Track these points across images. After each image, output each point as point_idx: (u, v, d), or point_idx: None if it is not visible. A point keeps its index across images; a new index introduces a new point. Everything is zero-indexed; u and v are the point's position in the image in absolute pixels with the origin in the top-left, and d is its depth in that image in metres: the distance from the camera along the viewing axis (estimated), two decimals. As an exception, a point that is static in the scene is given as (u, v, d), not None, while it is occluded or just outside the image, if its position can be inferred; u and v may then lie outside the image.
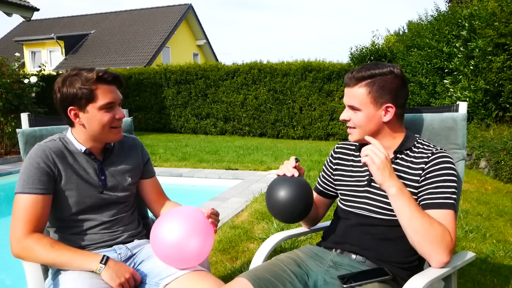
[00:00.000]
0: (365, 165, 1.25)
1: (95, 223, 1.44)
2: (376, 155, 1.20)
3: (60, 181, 1.37)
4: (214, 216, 1.39)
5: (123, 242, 1.48)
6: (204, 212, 1.38)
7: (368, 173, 1.40)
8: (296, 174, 1.34)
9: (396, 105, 1.30)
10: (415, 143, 1.37)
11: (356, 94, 1.31)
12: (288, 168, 1.35)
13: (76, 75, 1.34)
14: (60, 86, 1.34)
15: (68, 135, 1.44)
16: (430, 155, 1.30)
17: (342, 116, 1.38)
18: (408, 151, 1.35)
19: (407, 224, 1.18)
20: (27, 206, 1.29)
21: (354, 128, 1.36)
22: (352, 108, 1.34)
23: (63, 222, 1.43)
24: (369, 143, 1.38)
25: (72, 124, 1.41)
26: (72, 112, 1.35)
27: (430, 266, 1.23)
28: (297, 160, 1.37)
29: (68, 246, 1.31)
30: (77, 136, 1.43)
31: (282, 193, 1.27)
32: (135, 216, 1.60)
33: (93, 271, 1.27)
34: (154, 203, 1.61)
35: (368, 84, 1.29)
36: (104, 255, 1.29)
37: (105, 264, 1.26)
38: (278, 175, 1.38)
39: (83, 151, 1.42)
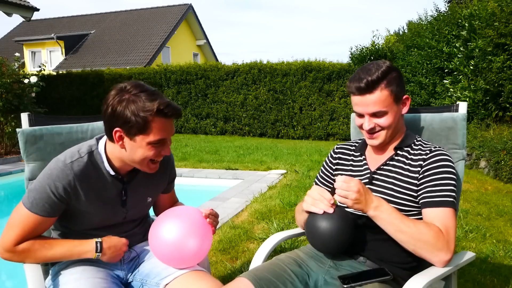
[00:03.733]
0: (345, 205, 1.23)
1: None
2: (347, 191, 1.19)
3: (77, 201, 1.27)
4: (212, 216, 1.38)
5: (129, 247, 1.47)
6: (202, 212, 1.37)
7: (368, 171, 1.40)
8: (333, 207, 1.25)
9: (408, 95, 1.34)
10: (415, 141, 1.39)
11: (380, 98, 1.28)
12: (325, 204, 1.24)
13: (136, 95, 1.18)
14: (114, 102, 1.18)
15: (100, 149, 1.31)
16: (428, 152, 1.32)
17: (369, 126, 1.32)
18: (408, 148, 1.37)
19: (396, 237, 1.21)
20: (28, 223, 1.24)
21: (381, 130, 1.33)
22: (376, 114, 1.30)
23: (72, 232, 1.39)
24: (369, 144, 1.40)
25: (112, 141, 1.26)
26: (117, 134, 1.21)
27: (430, 266, 1.23)
28: (333, 192, 1.24)
29: (60, 241, 1.30)
30: (111, 153, 1.30)
31: (334, 233, 1.21)
32: (142, 221, 1.56)
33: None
34: (166, 209, 1.54)
35: (387, 84, 1.28)
36: (96, 243, 1.29)
37: (100, 252, 1.29)
38: (310, 212, 1.28)
39: (111, 173, 1.31)
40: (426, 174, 1.28)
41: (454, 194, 1.25)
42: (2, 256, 1.27)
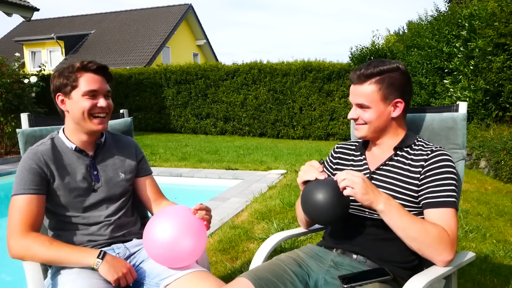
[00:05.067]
0: (349, 196, 1.22)
1: (92, 219, 1.45)
2: (354, 182, 1.19)
3: (53, 182, 1.39)
4: (202, 211, 1.36)
5: (122, 241, 1.48)
6: (191, 209, 1.37)
7: (368, 171, 1.40)
8: (326, 176, 1.29)
9: (404, 101, 1.33)
10: (415, 141, 1.38)
11: (366, 92, 1.31)
12: (317, 172, 1.28)
13: (66, 67, 1.43)
14: (52, 78, 1.45)
15: (60, 133, 1.49)
16: (429, 152, 1.31)
17: (351, 115, 1.37)
18: (408, 149, 1.36)
19: (402, 235, 1.20)
20: (22, 206, 1.31)
21: (364, 124, 1.35)
22: (361, 106, 1.34)
23: (61, 220, 1.44)
24: (371, 141, 1.40)
25: (63, 114, 1.47)
26: (60, 98, 1.43)
27: (430, 266, 1.23)
28: (322, 162, 1.31)
29: (65, 243, 1.32)
30: (68, 131, 1.47)
31: (326, 196, 1.22)
32: (134, 215, 1.60)
33: (91, 267, 1.27)
34: (151, 202, 1.61)
35: (378, 81, 1.30)
36: (101, 250, 1.30)
37: (102, 259, 1.27)
38: (307, 181, 1.29)
39: (73, 148, 1.46)
40: (427, 174, 1.28)
41: (455, 194, 1.25)
42: (13, 252, 1.29)
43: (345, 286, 1.19)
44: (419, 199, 1.29)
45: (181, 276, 1.31)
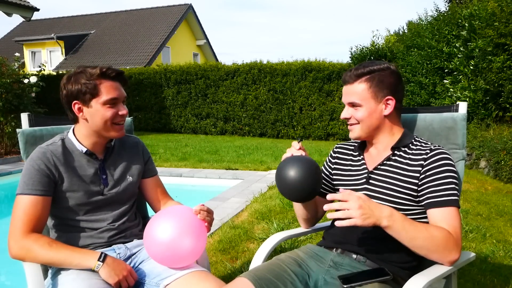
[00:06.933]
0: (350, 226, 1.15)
1: (96, 223, 1.44)
2: (350, 208, 1.13)
3: (61, 184, 1.38)
4: (204, 212, 1.37)
5: (123, 242, 1.48)
6: (193, 210, 1.37)
7: (366, 171, 1.41)
8: (303, 153, 1.35)
9: (395, 98, 1.34)
10: (413, 140, 1.38)
11: (357, 90, 1.34)
12: (294, 150, 1.36)
13: (81, 72, 1.37)
14: (65, 83, 1.38)
15: (69, 135, 1.45)
16: (428, 151, 1.31)
17: (343, 115, 1.39)
18: (406, 148, 1.36)
19: (409, 245, 1.18)
20: (27, 207, 1.30)
21: (357, 124, 1.37)
22: (353, 104, 1.36)
23: (64, 222, 1.44)
24: (368, 141, 1.40)
25: (76, 120, 1.42)
26: (76, 106, 1.37)
27: (430, 266, 1.23)
28: (300, 140, 1.37)
29: (66, 245, 1.32)
30: (79, 134, 1.44)
31: (293, 171, 1.24)
32: (136, 218, 1.60)
33: (91, 269, 1.27)
34: (157, 202, 1.61)
35: (368, 79, 1.33)
36: (102, 253, 1.29)
37: (103, 261, 1.27)
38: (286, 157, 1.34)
39: (84, 151, 1.43)
40: (427, 174, 1.28)
41: (456, 192, 1.25)
42: (13, 252, 1.29)
43: (345, 286, 1.19)
44: (421, 199, 1.29)
45: (181, 276, 1.31)
